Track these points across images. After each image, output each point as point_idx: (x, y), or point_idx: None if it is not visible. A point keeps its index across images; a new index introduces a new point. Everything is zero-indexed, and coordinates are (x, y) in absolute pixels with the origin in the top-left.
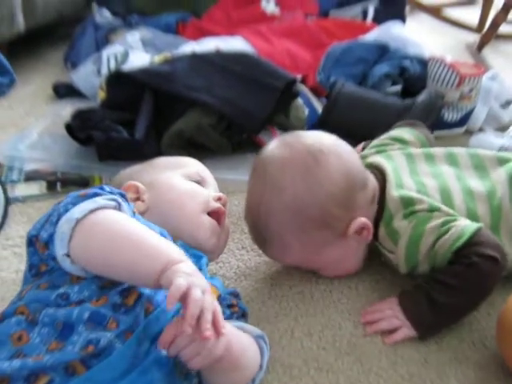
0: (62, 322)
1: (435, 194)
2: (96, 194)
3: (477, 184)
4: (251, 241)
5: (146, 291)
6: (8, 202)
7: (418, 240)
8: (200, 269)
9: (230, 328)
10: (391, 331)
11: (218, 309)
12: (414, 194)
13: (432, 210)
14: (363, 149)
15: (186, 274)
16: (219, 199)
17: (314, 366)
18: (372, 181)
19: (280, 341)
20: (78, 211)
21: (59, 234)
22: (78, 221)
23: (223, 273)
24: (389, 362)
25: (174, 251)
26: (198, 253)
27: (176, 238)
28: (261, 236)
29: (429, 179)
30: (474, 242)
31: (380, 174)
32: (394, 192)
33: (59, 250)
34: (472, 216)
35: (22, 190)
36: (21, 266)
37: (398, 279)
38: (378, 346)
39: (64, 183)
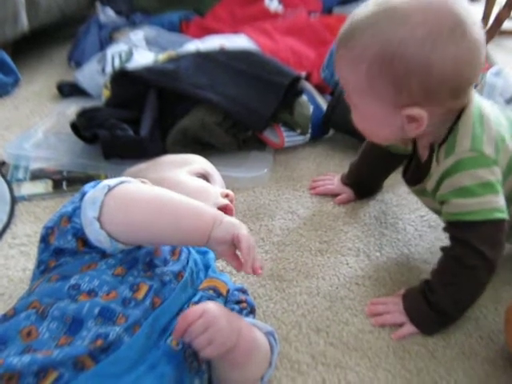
0: (71, 316)
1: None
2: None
3: None
4: (257, 238)
5: (155, 284)
6: (14, 200)
7: (456, 170)
8: (207, 264)
9: (242, 321)
10: (397, 326)
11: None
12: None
13: (491, 162)
14: None
15: (233, 224)
16: (227, 196)
17: (321, 362)
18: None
19: (287, 336)
20: (108, 182)
21: (90, 199)
22: (110, 188)
23: (230, 269)
24: (396, 358)
25: (212, 208)
26: (204, 249)
27: None
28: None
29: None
30: (481, 229)
31: None
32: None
33: (89, 213)
34: None
35: (27, 188)
36: (28, 264)
37: (405, 276)
38: (385, 341)
39: (70, 182)
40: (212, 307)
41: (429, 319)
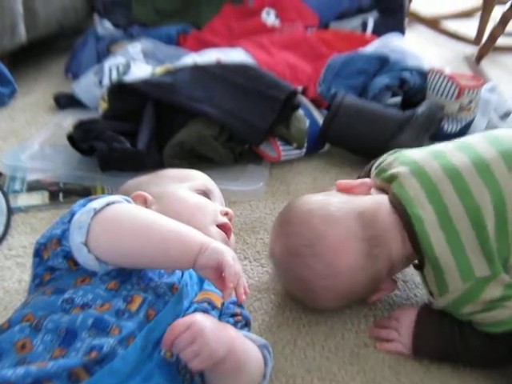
0: (64, 328)
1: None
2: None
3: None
4: (253, 251)
5: (150, 297)
6: (10, 211)
7: (465, 303)
8: (203, 279)
9: (234, 331)
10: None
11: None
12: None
13: (489, 278)
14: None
15: (218, 251)
16: (226, 214)
17: (317, 376)
18: (391, 250)
19: (283, 350)
20: (95, 204)
21: (76, 223)
22: (96, 211)
23: None
24: (392, 372)
25: (199, 233)
26: None
27: None
28: None
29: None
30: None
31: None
32: (419, 212)
33: (77, 238)
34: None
35: (24, 200)
36: (23, 275)
37: (401, 289)
38: (380, 355)
39: (66, 193)
40: (200, 319)
41: (432, 352)
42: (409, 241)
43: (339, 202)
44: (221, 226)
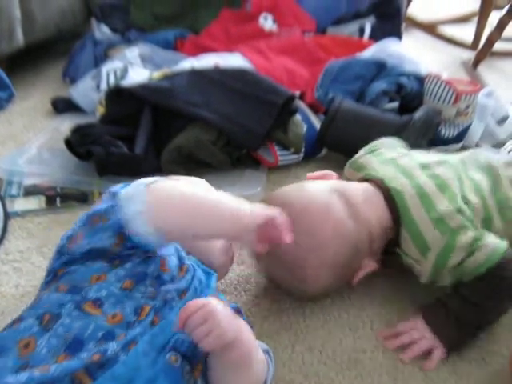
0: (72, 335)
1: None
2: None
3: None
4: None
5: (158, 303)
6: (7, 216)
7: (448, 255)
8: (209, 284)
9: (243, 323)
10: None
11: None
12: (427, 185)
13: (459, 211)
14: None
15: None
16: None
17: (314, 381)
18: (370, 222)
19: (281, 356)
20: (141, 181)
21: (127, 196)
22: (147, 184)
23: (223, 288)
24: (390, 378)
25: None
26: (209, 270)
27: (188, 254)
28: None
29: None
30: (502, 265)
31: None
32: (398, 186)
33: (132, 207)
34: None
35: (21, 204)
36: (20, 280)
37: (398, 295)
38: (378, 361)
39: (63, 198)
40: (212, 301)
41: (456, 336)
42: (387, 208)
43: (313, 183)
44: None
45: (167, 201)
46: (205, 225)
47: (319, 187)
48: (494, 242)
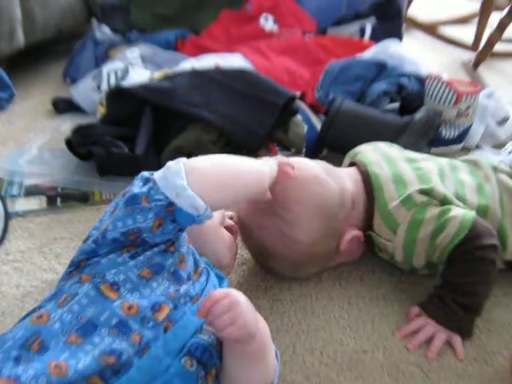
0: (87, 317)
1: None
2: None
3: (467, 178)
4: (252, 257)
5: (173, 307)
6: (8, 216)
7: (416, 229)
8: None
9: (258, 315)
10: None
11: None
12: (406, 172)
13: (426, 191)
14: None
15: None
16: (231, 218)
17: (316, 382)
18: (346, 184)
19: (282, 356)
20: (176, 160)
21: (168, 173)
22: (184, 163)
23: None
24: (391, 379)
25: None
26: (221, 274)
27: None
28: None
29: (422, 163)
30: (472, 234)
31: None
32: (377, 170)
33: (178, 181)
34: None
35: (21, 204)
36: (21, 280)
37: (399, 295)
38: (379, 361)
39: (64, 198)
40: (235, 291)
41: (471, 324)
42: (363, 189)
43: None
44: (228, 228)
45: (205, 174)
46: (240, 192)
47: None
48: (461, 213)
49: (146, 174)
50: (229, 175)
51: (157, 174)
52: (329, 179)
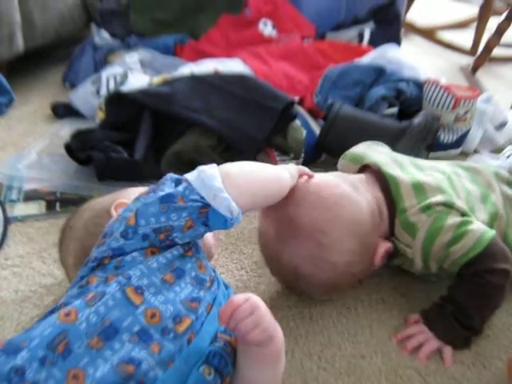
0: (110, 320)
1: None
2: None
3: (471, 186)
4: (250, 261)
5: (194, 318)
6: (7, 221)
7: (435, 235)
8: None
9: (274, 320)
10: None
11: None
12: (423, 179)
13: (448, 205)
14: None
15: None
16: None
17: None
18: (367, 194)
19: None
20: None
21: (203, 175)
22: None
23: None
24: (389, 383)
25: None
26: (226, 283)
27: None
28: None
29: (431, 171)
30: (487, 254)
31: (377, 168)
32: (394, 173)
33: (214, 183)
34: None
35: (21, 209)
36: (20, 285)
37: (397, 300)
38: (377, 366)
39: (63, 203)
40: (255, 296)
41: (466, 340)
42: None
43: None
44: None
45: (239, 179)
46: (269, 198)
47: (323, 174)
48: (481, 229)
49: (174, 175)
50: (259, 181)
51: (190, 176)
52: (356, 195)
